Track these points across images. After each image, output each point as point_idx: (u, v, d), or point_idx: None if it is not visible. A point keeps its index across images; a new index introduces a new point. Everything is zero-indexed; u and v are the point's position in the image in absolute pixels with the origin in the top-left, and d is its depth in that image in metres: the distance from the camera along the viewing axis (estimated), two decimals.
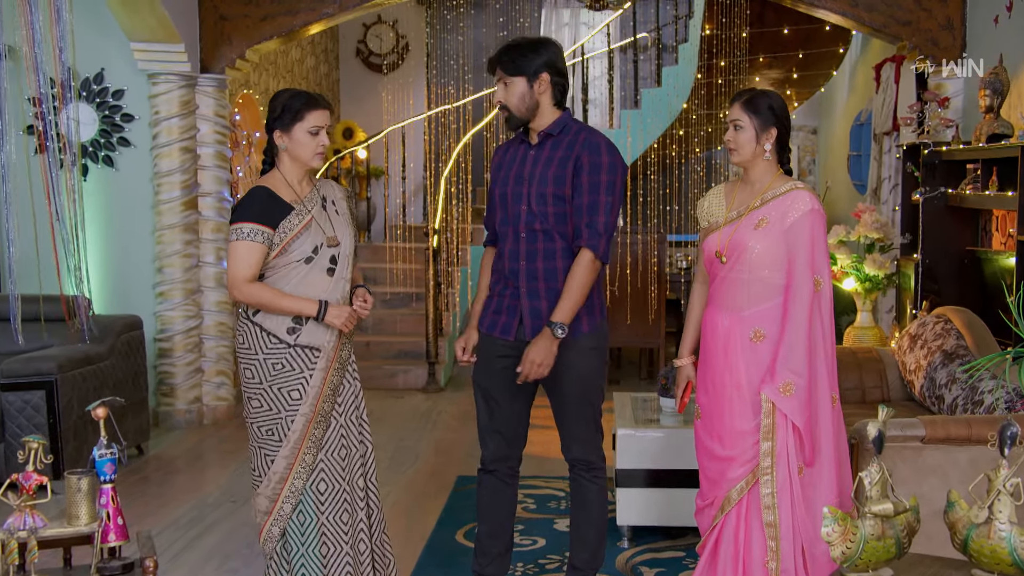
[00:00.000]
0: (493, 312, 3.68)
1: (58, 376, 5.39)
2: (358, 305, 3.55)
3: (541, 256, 3.56)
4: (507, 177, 3.64)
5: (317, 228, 3.50)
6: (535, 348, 3.48)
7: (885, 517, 2.39)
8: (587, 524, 3.80)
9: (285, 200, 3.48)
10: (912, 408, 4.98)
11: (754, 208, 3.43)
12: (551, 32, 11.72)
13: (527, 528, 4.87)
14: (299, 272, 3.48)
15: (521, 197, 3.57)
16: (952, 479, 3.71)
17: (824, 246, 3.41)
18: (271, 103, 3.52)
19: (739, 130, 3.43)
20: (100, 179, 7.00)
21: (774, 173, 3.47)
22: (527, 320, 3.58)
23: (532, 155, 3.61)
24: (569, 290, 3.49)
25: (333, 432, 3.56)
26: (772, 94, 3.50)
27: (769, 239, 3.37)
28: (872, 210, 7.05)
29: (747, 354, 3.40)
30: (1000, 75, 5.83)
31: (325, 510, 3.51)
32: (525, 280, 3.58)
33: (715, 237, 3.50)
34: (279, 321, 3.47)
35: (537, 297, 3.58)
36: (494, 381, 3.68)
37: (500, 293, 3.67)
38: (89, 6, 6.64)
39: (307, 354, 3.49)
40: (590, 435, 3.72)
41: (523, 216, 3.56)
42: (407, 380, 8.49)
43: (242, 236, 3.42)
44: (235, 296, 3.47)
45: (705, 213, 3.60)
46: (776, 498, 3.34)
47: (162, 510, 5.26)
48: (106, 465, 2.81)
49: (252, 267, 3.42)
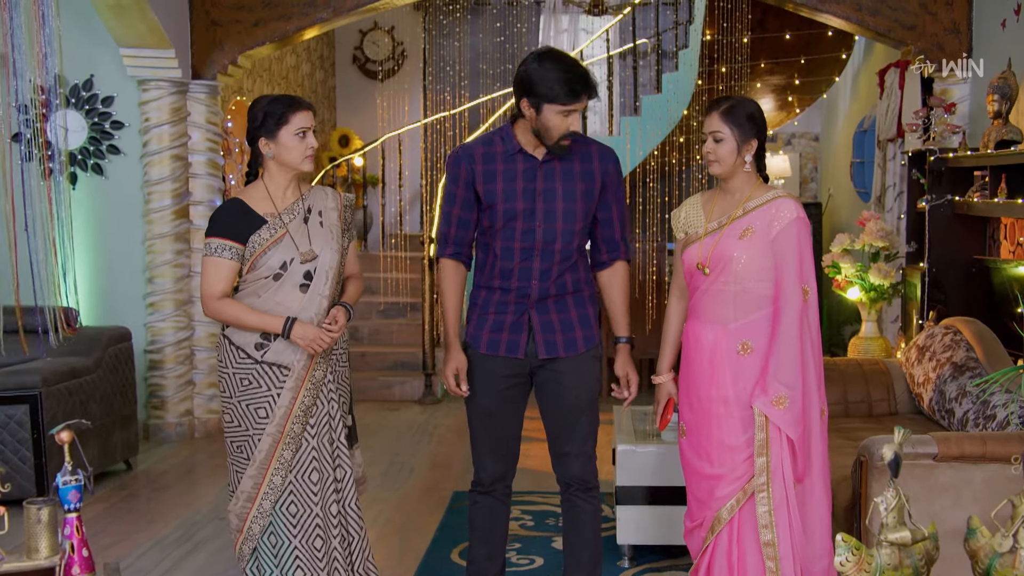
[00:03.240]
0: (491, 331, 3.48)
1: (42, 390, 5.24)
2: (324, 326, 3.37)
3: (555, 274, 3.43)
4: (513, 192, 3.39)
5: (290, 243, 3.37)
6: (628, 367, 3.53)
7: (902, 545, 2.25)
8: (582, 545, 3.63)
9: (258, 213, 3.37)
10: (921, 422, 4.84)
11: (737, 218, 3.32)
12: (550, 38, 11.60)
13: (524, 546, 4.73)
14: (268, 289, 3.37)
15: (536, 214, 3.38)
16: (966, 498, 3.57)
17: (810, 254, 3.32)
18: (250, 112, 3.39)
19: (719, 142, 3.30)
20: (89, 187, 6.87)
21: (754, 182, 3.37)
22: (539, 336, 3.44)
23: (544, 169, 3.41)
24: (623, 306, 3.56)
25: (304, 454, 3.41)
26: (749, 102, 3.38)
27: (755, 249, 3.27)
28: (877, 218, 6.91)
29: (735, 367, 3.29)
30: (1008, 80, 5.70)
31: (298, 534, 3.38)
32: (537, 297, 3.44)
33: (695, 248, 3.37)
34: (248, 336, 3.36)
35: (547, 312, 3.45)
36: (498, 401, 3.52)
37: (499, 311, 3.47)
38: (77, 11, 6.52)
39: (275, 371, 3.36)
40: (591, 451, 3.58)
41: (539, 233, 3.39)
42: (403, 392, 8.35)
43: (210, 252, 3.36)
44: (206, 311, 3.43)
45: (682, 224, 3.48)
46: (774, 516, 3.23)
47: (149, 527, 5.12)
48: (70, 493, 2.66)
49: (220, 283, 3.35)
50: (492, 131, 3.53)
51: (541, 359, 3.45)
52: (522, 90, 3.31)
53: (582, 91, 3.25)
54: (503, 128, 3.47)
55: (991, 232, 6.12)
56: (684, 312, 3.49)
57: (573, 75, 3.24)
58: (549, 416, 3.55)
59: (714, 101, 3.37)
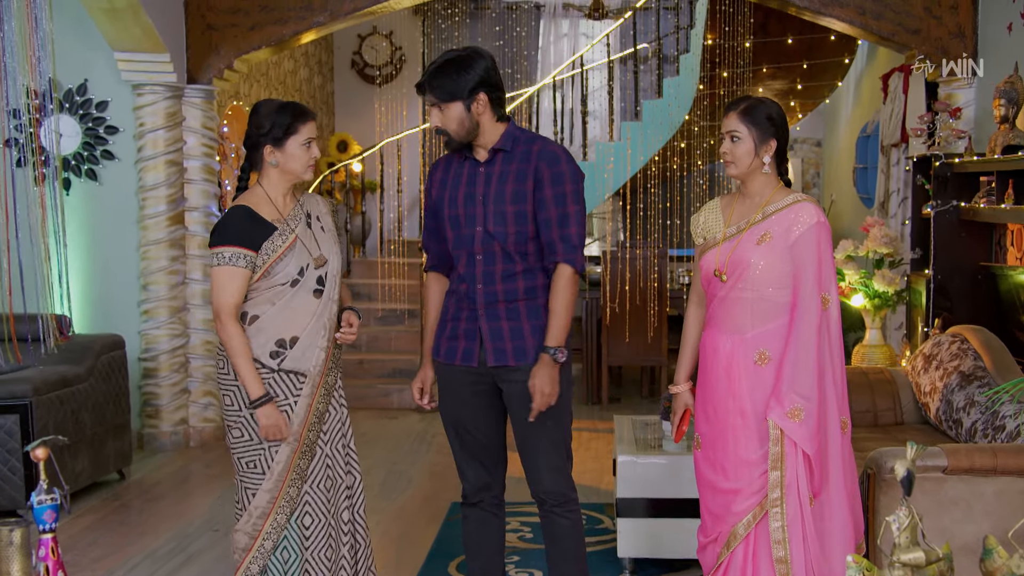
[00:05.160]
0: (448, 338, 3.42)
1: (33, 399, 5.14)
2: (343, 330, 3.41)
3: (499, 278, 3.33)
4: (455, 198, 3.36)
5: (302, 248, 3.33)
6: (540, 379, 3.26)
7: (916, 567, 2.16)
8: (565, 560, 3.50)
9: (267, 219, 3.31)
10: (928, 432, 4.75)
11: (755, 222, 3.22)
12: (550, 43, 11.53)
13: (523, 559, 4.63)
14: (284, 295, 3.30)
15: (475, 218, 3.33)
16: (976, 512, 3.48)
17: (831, 261, 3.21)
18: (253, 117, 3.32)
19: (736, 142, 3.22)
20: (83, 193, 6.78)
21: (774, 185, 3.27)
22: (488, 343, 3.34)
23: (483, 172, 3.35)
24: (557, 311, 3.31)
25: (318, 463, 3.37)
26: (769, 102, 3.28)
27: (773, 255, 3.17)
28: (881, 224, 6.82)
29: (751, 378, 3.19)
30: (1015, 84, 5.61)
31: (310, 545, 3.31)
32: (484, 303, 3.34)
33: (713, 254, 3.28)
34: (262, 344, 3.28)
35: (497, 318, 3.34)
36: (463, 411, 3.44)
37: (455, 317, 3.41)
38: (71, 15, 6.44)
39: (292, 379, 3.30)
40: (561, 463, 3.44)
41: (478, 238, 3.33)
42: (401, 399, 8.25)
43: (224, 261, 3.25)
44: (218, 328, 3.30)
45: (701, 229, 3.39)
46: (787, 532, 3.13)
47: (141, 539, 5.02)
48: (45, 513, 2.55)
49: (236, 294, 3.26)
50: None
51: (490, 367, 3.35)
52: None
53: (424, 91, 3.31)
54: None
55: (997, 238, 6.04)
56: (702, 320, 3.40)
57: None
58: (515, 427, 3.44)
59: (734, 101, 3.30)
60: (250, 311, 3.32)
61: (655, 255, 8.00)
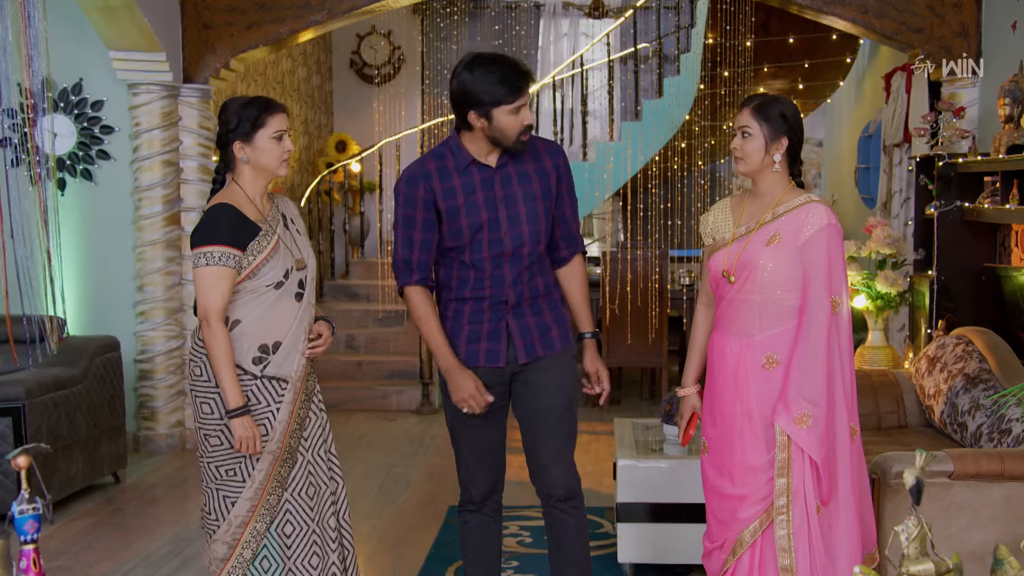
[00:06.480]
0: (468, 341, 3.35)
1: (26, 402, 5.08)
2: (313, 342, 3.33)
3: (527, 277, 3.34)
4: (475, 204, 3.28)
5: (285, 250, 3.26)
6: (595, 361, 3.46)
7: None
8: (570, 564, 3.47)
9: (251, 219, 3.22)
10: (932, 436, 4.68)
11: (765, 223, 3.16)
12: (549, 42, 11.46)
13: (523, 564, 4.57)
14: (267, 299, 3.22)
15: (500, 222, 3.28)
16: (983, 518, 3.42)
17: (842, 264, 3.15)
18: (221, 115, 3.24)
19: (747, 138, 3.16)
20: (78, 193, 6.72)
21: (785, 185, 3.21)
22: (518, 341, 3.34)
23: (500, 176, 3.30)
24: (583, 300, 3.50)
25: (300, 469, 3.30)
26: (785, 100, 3.22)
27: (782, 257, 3.11)
28: (884, 224, 6.76)
29: (759, 382, 3.13)
30: (1020, 83, 5.54)
31: (292, 554, 3.24)
32: (513, 303, 3.34)
33: (721, 255, 3.22)
34: (244, 350, 3.20)
35: (523, 316, 3.36)
36: (483, 415, 3.37)
37: (473, 321, 3.35)
38: (66, 14, 6.38)
39: (274, 386, 3.22)
40: (571, 456, 3.44)
41: (507, 241, 3.29)
42: (400, 401, 8.19)
43: (212, 261, 3.14)
44: (204, 331, 3.17)
45: (710, 229, 3.33)
46: (793, 540, 3.07)
47: (136, 543, 4.96)
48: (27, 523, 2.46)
49: (225, 296, 3.15)
50: (438, 146, 3.38)
51: (521, 364, 3.35)
52: (465, 104, 3.19)
53: (524, 84, 3.18)
54: (449, 141, 3.34)
55: (1002, 239, 5.98)
56: (711, 321, 3.34)
57: (509, 72, 3.16)
58: (526, 421, 3.41)
59: (749, 96, 3.25)
60: (231, 315, 3.21)
61: (655, 256, 7.93)
